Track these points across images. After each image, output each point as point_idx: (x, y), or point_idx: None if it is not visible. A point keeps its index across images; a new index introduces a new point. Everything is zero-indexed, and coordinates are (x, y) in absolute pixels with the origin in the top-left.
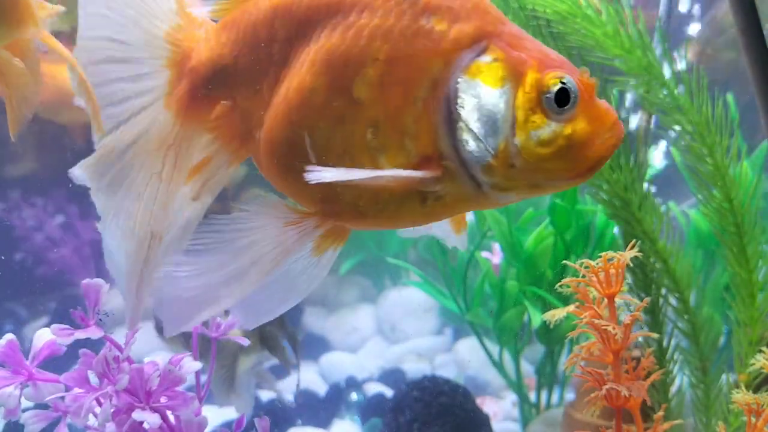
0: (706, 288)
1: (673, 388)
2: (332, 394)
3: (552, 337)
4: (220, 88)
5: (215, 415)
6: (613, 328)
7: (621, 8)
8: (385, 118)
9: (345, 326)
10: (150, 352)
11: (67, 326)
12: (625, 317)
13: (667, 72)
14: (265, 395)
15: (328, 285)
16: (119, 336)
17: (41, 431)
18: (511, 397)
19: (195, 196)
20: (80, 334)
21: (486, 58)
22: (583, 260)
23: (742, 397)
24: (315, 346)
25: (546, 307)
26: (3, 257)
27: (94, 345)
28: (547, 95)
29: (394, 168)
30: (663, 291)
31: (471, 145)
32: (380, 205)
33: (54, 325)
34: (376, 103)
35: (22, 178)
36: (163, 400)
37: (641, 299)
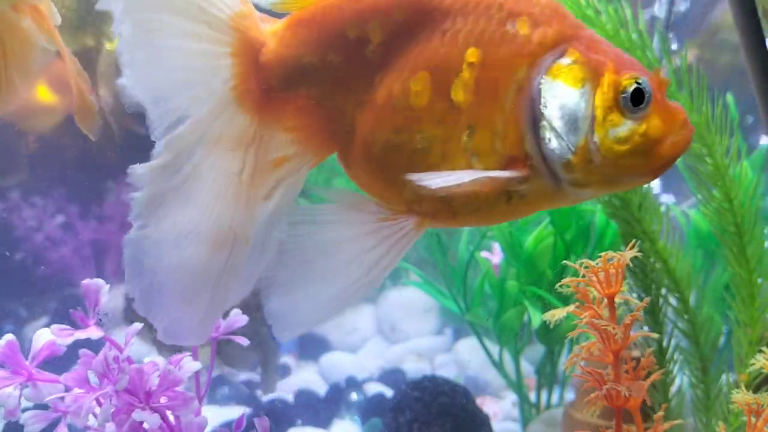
0: (706, 288)
1: (673, 388)
2: (332, 394)
3: (552, 337)
4: (300, 87)
5: (215, 415)
6: (613, 328)
7: (621, 8)
8: (479, 120)
9: (345, 326)
10: (149, 352)
11: (67, 326)
12: (625, 317)
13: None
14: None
15: None
16: (119, 336)
17: (41, 431)
18: (511, 397)
19: (267, 196)
20: (80, 335)
21: (566, 60)
22: (583, 260)
23: (742, 397)
24: (315, 346)
25: (546, 307)
26: (3, 257)
27: (93, 345)
28: (624, 95)
29: (485, 169)
30: (663, 291)
31: (553, 142)
32: (472, 205)
33: (54, 326)
34: (471, 106)
35: (21, 178)
36: (162, 400)
37: (641, 299)
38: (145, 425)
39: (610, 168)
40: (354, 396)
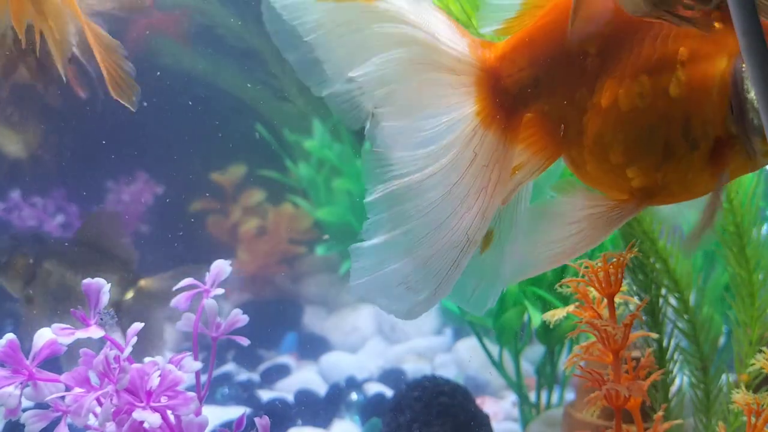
0: (706, 288)
1: (673, 388)
2: (332, 394)
3: (552, 337)
4: (531, 102)
5: (215, 415)
6: (613, 328)
7: None
8: (693, 111)
9: (345, 326)
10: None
11: (68, 326)
12: (625, 317)
13: None
14: (266, 395)
15: (328, 285)
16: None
17: (41, 431)
18: (511, 397)
19: (505, 201)
20: (81, 334)
21: None
22: (583, 260)
23: (742, 397)
24: (315, 346)
25: (546, 307)
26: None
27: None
28: None
29: (698, 150)
30: (663, 291)
31: (756, 122)
32: (685, 186)
33: (55, 325)
34: (686, 100)
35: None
36: (163, 399)
37: (641, 299)
38: (146, 425)
39: None
40: (354, 396)
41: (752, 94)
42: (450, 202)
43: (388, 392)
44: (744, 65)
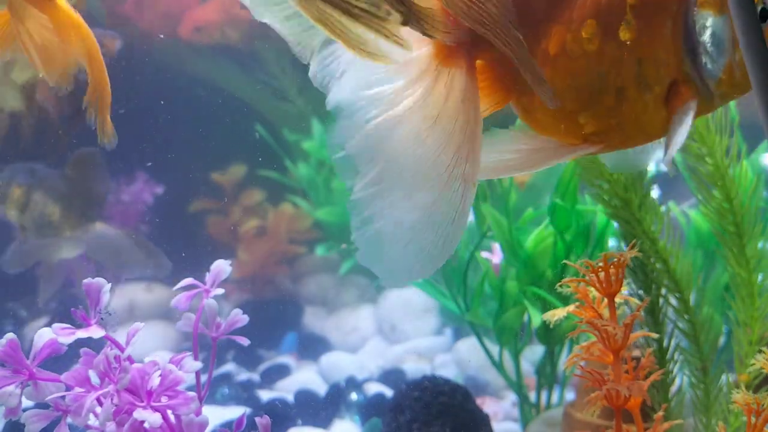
0: (706, 288)
1: (673, 388)
2: (332, 394)
3: (552, 337)
4: (481, 45)
5: (215, 415)
6: (614, 328)
7: None
8: (645, 54)
9: (345, 326)
10: (150, 351)
11: (69, 325)
12: (626, 317)
13: None
14: (266, 395)
15: (328, 285)
16: (120, 336)
17: (41, 431)
18: (511, 397)
19: None
20: (81, 334)
21: None
22: (583, 260)
23: (742, 397)
24: (315, 346)
25: (546, 307)
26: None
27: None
28: None
29: (652, 95)
30: (663, 291)
31: (709, 65)
32: (640, 129)
33: (55, 324)
34: (637, 43)
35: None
36: (163, 399)
37: (641, 299)
38: (146, 424)
39: (745, 78)
40: (354, 396)
41: (705, 37)
42: (436, 134)
43: (388, 392)
44: (695, 8)
